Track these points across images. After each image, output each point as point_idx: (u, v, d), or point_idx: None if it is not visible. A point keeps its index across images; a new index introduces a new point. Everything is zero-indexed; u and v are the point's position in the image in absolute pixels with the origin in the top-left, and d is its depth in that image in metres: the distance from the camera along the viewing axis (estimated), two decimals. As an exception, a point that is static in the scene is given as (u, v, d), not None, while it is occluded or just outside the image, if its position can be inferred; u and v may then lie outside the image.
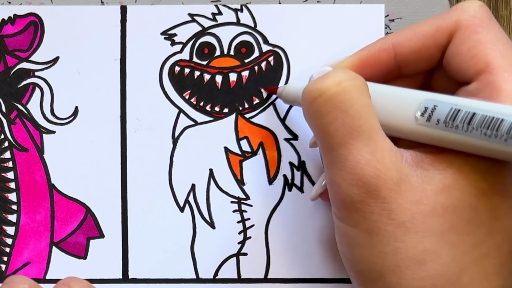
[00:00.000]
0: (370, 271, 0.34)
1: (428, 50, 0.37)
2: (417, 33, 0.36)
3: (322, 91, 0.33)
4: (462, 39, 0.35)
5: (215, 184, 0.43)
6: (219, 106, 0.44)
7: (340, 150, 0.33)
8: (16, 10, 0.44)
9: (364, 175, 0.32)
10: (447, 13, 0.36)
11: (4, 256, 0.43)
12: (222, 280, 0.43)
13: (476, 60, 0.34)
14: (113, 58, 0.44)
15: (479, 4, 0.36)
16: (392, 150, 0.33)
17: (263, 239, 0.43)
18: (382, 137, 0.33)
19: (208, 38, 0.44)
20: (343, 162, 0.33)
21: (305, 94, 0.35)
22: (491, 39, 0.35)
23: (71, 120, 0.43)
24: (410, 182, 0.33)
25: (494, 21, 0.36)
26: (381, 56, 0.37)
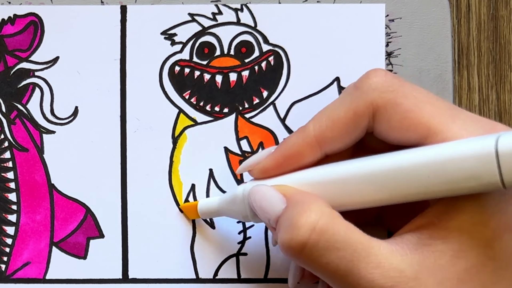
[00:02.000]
0: None
1: (351, 134, 0.36)
2: (336, 122, 0.36)
3: (303, 243, 0.33)
4: (388, 116, 0.35)
5: (215, 184, 0.43)
6: (219, 106, 0.44)
7: (350, 279, 0.33)
8: (16, 10, 0.44)
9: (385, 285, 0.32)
10: (357, 95, 0.36)
11: (4, 256, 0.43)
12: (222, 280, 0.43)
13: (414, 129, 0.34)
14: (113, 58, 0.44)
15: (384, 74, 0.36)
16: (392, 251, 0.33)
17: (263, 239, 0.43)
18: (378, 244, 0.33)
19: (208, 37, 0.44)
20: (358, 287, 0.33)
21: (286, 250, 0.34)
22: (415, 104, 0.35)
23: (71, 120, 0.43)
24: (425, 267, 0.32)
25: (405, 84, 0.36)
26: (305, 150, 0.37)
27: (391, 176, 0.33)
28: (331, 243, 0.33)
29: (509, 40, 0.46)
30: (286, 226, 0.34)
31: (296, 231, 0.33)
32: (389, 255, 0.33)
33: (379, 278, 0.32)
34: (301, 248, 0.33)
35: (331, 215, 0.33)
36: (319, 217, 0.33)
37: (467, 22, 0.46)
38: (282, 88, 0.44)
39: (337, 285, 0.34)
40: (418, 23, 0.44)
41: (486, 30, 0.46)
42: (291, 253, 0.34)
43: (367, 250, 0.33)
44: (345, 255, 0.32)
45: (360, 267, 0.32)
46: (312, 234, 0.33)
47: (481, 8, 0.46)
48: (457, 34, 0.46)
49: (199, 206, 0.42)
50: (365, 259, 0.32)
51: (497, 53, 0.46)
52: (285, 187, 0.37)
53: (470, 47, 0.46)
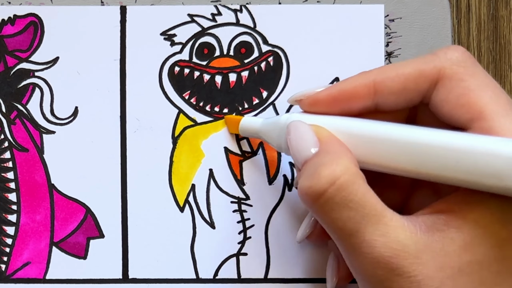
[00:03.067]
0: None
1: (408, 93, 0.36)
2: (399, 74, 0.36)
3: (320, 193, 0.33)
4: (449, 88, 0.35)
5: (215, 184, 0.43)
6: (218, 106, 0.44)
7: (353, 239, 0.33)
8: (16, 10, 0.44)
9: (383, 257, 0.32)
10: (431, 58, 0.36)
11: (4, 256, 0.43)
12: (222, 280, 0.43)
13: (467, 108, 0.34)
14: (113, 58, 0.44)
15: (462, 51, 0.36)
16: (403, 225, 0.33)
17: (263, 239, 0.43)
18: (391, 215, 0.33)
19: (207, 38, 0.44)
20: (359, 249, 0.33)
21: (302, 195, 0.35)
22: (479, 85, 0.35)
23: (71, 120, 0.43)
24: (430, 249, 0.33)
25: (478, 66, 0.36)
26: (361, 91, 0.37)
27: (430, 151, 0.33)
28: (346, 201, 0.33)
29: (509, 40, 0.46)
30: (309, 173, 0.34)
31: (316, 180, 0.33)
32: (397, 228, 0.33)
33: (380, 246, 0.32)
34: (316, 198, 0.33)
35: (354, 175, 0.34)
36: (342, 173, 0.33)
37: (467, 22, 0.46)
38: (282, 89, 0.44)
39: (339, 242, 0.34)
40: (418, 23, 0.44)
41: (486, 30, 0.46)
42: (306, 200, 0.34)
43: (378, 218, 0.33)
44: (356, 216, 0.33)
45: (366, 231, 0.33)
46: (330, 187, 0.33)
47: (481, 8, 0.46)
48: (457, 34, 0.46)
49: (242, 121, 0.42)
50: (373, 225, 0.33)
51: (497, 53, 0.46)
52: (323, 130, 0.36)
53: (470, 47, 0.46)
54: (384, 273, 0.33)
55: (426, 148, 0.33)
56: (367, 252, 0.33)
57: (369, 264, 0.33)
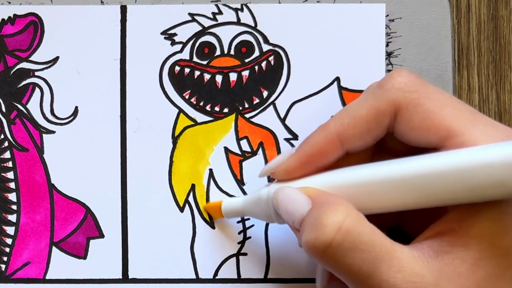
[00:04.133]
0: None
1: (372, 132, 0.36)
2: (358, 120, 0.36)
3: (328, 243, 0.33)
4: (409, 116, 0.35)
5: (215, 184, 0.43)
6: (219, 106, 0.44)
7: (371, 281, 0.33)
8: (16, 10, 0.44)
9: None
10: (381, 93, 0.36)
11: (4, 256, 0.43)
12: (222, 280, 0.43)
13: (434, 130, 0.34)
14: (113, 58, 0.44)
15: (407, 74, 0.36)
16: (414, 256, 0.33)
17: (263, 239, 0.43)
18: (400, 249, 0.33)
19: (208, 37, 0.44)
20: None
21: (310, 249, 0.34)
22: (437, 105, 0.35)
23: (71, 120, 0.43)
24: (445, 274, 0.33)
25: (429, 86, 0.36)
26: (328, 149, 0.37)
27: (417, 181, 0.33)
28: (356, 244, 0.33)
29: (509, 40, 0.46)
30: (311, 226, 0.34)
31: (321, 230, 0.33)
32: (411, 260, 0.33)
33: (401, 283, 0.32)
34: (325, 247, 0.33)
35: (356, 217, 0.33)
36: (345, 218, 0.33)
37: (467, 22, 0.46)
38: (282, 88, 0.44)
39: (358, 286, 0.34)
40: (418, 23, 0.44)
41: (486, 30, 0.46)
42: (315, 253, 0.34)
43: (390, 254, 0.33)
44: (369, 257, 0.32)
45: (382, 270, 0.32)
46: (337, 234, 0.33)
47: (481, 8, 0.46)
48: (457, 34, 0.46)
49: (223, 206, 0.42)
50: (387, 262, 0.32)
51: (497, 53, 0.46)
52: (310, 189, 0.37)
53: (470, 47, 0.46)
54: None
55: (420, 179, 0.33)
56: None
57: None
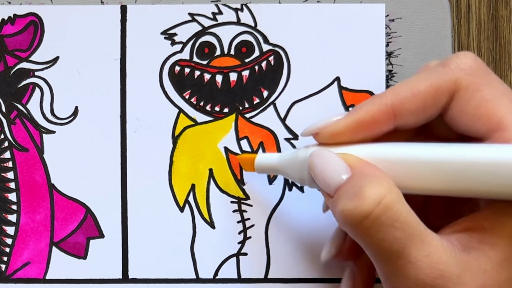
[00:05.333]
0: None
1: (427, 110, 0.36)
2: (416, 94, 0.35)
3: (366, 214, 0.32)
4: (466, 99, 0.35)
5: (215, 184, 0.43)
6: (219, 106, 0.44)
7: (399, 261, 0.33)
8: (16, 10, 0.44)
9: (429, 278, 0.32)
10: (444, 71, 0.35)
11: (4, 256, 0.43)
12: (222, 280, 0.43)
13: (486, 119, 0.34)
14: (113, 58, 0.44)
15: (473, 58, 0.35)
16: (443, 245, 0.33)
17: (263, 239, 0.43)
18: (431, 236, 0.33)
19: (208, 37, 0.44)
20: (404, 271, 0.33)
21: (346, 218, 0.33)
22: (495, 95, 0.34)
23: (71, 120, 0.43)
24: (469, 268, 0.32)
25: (491, 73, 0.35)
26: (380, 118, 0.36)
27: (461, 168, 0.33)
28: (392, 221, 0.32)
29: (509, 40, 0.46)
30: (351, 195, 0.33)
31: (362, 200, 0.33)
32: (440, 248, 0.32)
33: (426, 268, 0.32)
34: (362, 218, 0.33)
35: (397, 194, 0.33)
36: (387, 192, 0.33)
37: (467, 22, 0.46)
38: (283, 88, 0.44)
39: (383, 263, 0.34)
40: (418, 23, 0.44)
41: (486, 30, 0.46)
42: (350, 222, 0.33)
43: (422, 237, 0.32)
44: (401, 236, 0.32)
45: (411, 251, 0.32)
46: (377, 207, 0.32)
47: (481, 8, 0.46)
48: (457, 34, 0.46)
49: (257, 159, 0.41)
50: (418, 245, 0.32)
51: (497, 53, 0.46)
52: (351, 157, 0.35)
53: (470, 47, 0.46)
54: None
55: (465, 166, 0.33)
56: (412, 274, 0.32)
57: (414, 285, 0.32)
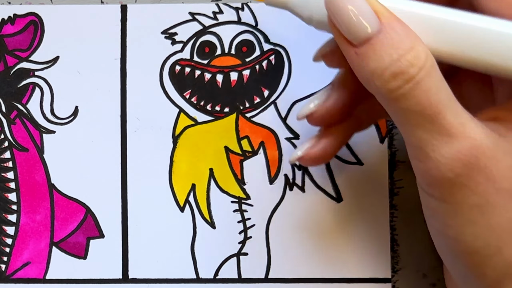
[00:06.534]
0: (485, 248, 0.32)
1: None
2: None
3: (410, 77, 0.30)
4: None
5: (215, 184, 0.43)
6: (219, 106, 0.44)
7: (434, 126, 0.30)
8: (16, 9, 0.44)
9: (462, 147, 0.30)
10: None
11: (4, 256, 0.43)
12: (223, 280, 0.43)
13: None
14: (113, 58, 0.44)
15: None
16: (475, 121, 0.31)
17: (263, 239, 0.43)
18: (462, 108, 0.31)
19: (208, 37, 0.44)
20: (437, 137, 0.31)
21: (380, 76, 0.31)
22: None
23: (71, 120, 0.44)
24: (501, 149, 0.31)
25: None
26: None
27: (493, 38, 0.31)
28: (432, 84, 0.30)
29: None
30: (389, 53, 0.30)
31: (405, 62, 0.30)
32: (471, 121, 0.31)
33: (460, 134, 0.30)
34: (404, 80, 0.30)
35: (433, 60, 0.31)
36: (427, 57, 0.30)
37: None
38: (283, 87, 0.44)
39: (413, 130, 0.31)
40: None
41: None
42: (387, 80, 0.30)
43: (456, 105, 0.31)
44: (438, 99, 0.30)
45: (446, 116, 0.30)
46: (420, 72, 0.30)
47: (484, 6, 0.45)
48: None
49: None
50: (453, 111, 0.30)
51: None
52: (382, 8, 0.32)
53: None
54: (460, 165, 0.30)
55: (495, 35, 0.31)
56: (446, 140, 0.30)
57: (448, 154, 0.30)
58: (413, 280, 0.43)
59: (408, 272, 0.43)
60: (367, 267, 0.43)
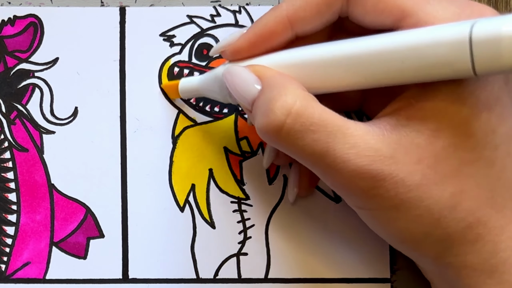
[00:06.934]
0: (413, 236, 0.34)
1: (323, 16, 0.36)
2: (309, 2, 0.36)
3: (279, 127, 0.33)
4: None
5: (215, 184, 0.43)
6: (218, 107, 0.44)
7: (326, 160, 0.33)
8: (16, 11, 0.44)
9: (361, 167, 0.32)
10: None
11: (4, 256, 0.43)
12: (222, 280, 0.43)
13: (388, 11, 0.34)
14: (113, 59, 0.44)
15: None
16: (369, 131, 0.33)
17: (263, 239, 0.43)
18: (354, 125, 0.33)
19: (206, 39, 0.44)
20: (335, 167, 0.33)
21: (263, 134, 0.35)
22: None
23: (71, 120, 0.43)
24: (401, 146, 0.33)
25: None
26: (277, 29, 0.37)
27: (365, 59, 0.33)
28: (306, 126, 0.33)
29: (506, 40, 0.46)
30: (263, 110, 0.34)
31: (272, 115, 0.33)
32: (365, 135, 0.33)
33: (354, 158, 0.32)
34: (277, 131, 0.33)
35: (306, 98, 0.33)
36: (294, 101, 0.33)
37: (464, 23, 0.46)
38: (281, 89, 0.44)
39: (315, 167, 0.34)
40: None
41: (484, 31, 0.46)
42: (268, 137, 0.34)
43: (343, 131, 0.33)
44: (320, 137, 0.33)
45: (335, 148, 0.33)
46: (288, 118, 0.33)
47: (478, 9, 0.46)
48: (454, 35, 0.46)
49: (180, 84, 0.42)
50: (340, 140, 0.33)
51: (495, 54, 0.46)
52: (260, 68, 0.36)
53: (467, 48, 0.46)
54: (366, 183, 0.33)
55: (368, 57, 0.33)
56: (343, 168, 0.33)
57: (349, 178, 0.33)
58: (411, 280, 0.43)
59: (407, 273, 0.43)
60: (366, 267, 0.43)
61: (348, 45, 0.34)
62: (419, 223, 0.33)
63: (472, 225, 0.33)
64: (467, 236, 0.33)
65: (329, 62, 0.34)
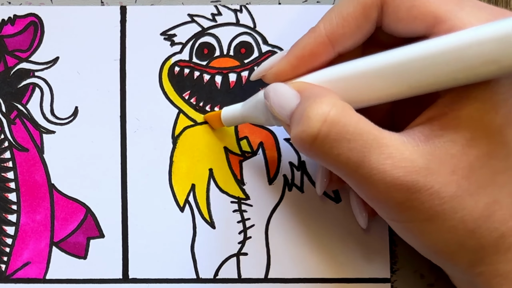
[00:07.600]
0: (447, 247, 0.34)
1: (362, 29, 0.36)
2: (346, 18, 0.36)
3: (314, 135, 0.33)
4: (395, 6, 0.35)
5: (215, 184, 0.43)
6: (218, 107, 0.44)
7: (361, 170, 0.33)
8: (16, 10, 0.44)
9: (396, 178, 0.32)
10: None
11: (4, 256, 0.43)
12: (222, 280, 0.43)
13: (421, 18, 0.34)
14: (113, 58, 0.44)
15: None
16: (404, 141, 0.33)
17: (263, 239, 0.43)
18: (389, 135, 0.33)
19: (207, 38, 0.44)
20: (370, 178, 0.33)
21: (298, 143, 0.34)
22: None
23: (71, 120, 0.43)
24: (436, 157, 0.32)
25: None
26: (319, 51, 0.37)
27: (410, 66, 0.33)
28: (342, 135, 0.32)
29: (508, 40, 0.46)
30: (298, 119, 0.34)
31: (307, 123, 0.33)
32: (400, 146, 0.33)
33: (390, 169, 0.32)
34: (312, 140, 0.33)
35: (342, 107, 0.33)
36: (330, 109, 0.33)
37: (466, 23, 0.46)
38: (282, 89, 0.44)
39: (349, 177, 0.34)
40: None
41: (485, 31, 0.46)
42: (303, 146, 0.34)
43: (378, 141, 0.32)
44: (356, 146, 0.32)
45: (371, 158, 0.32)
46: (323, 126, 0.33)
47: (480, 8, 0.46)
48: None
49: (223, 113, 0.42)
50: (376, 150, 0.32)
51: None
52: (299, 83, 0.36)
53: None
54: (401, 194, 0.32)
55: (408, 65, 0.33)
56: (379, 179, 0.32)
57: (385, 189, 0.33)
58: (411, 281, 0.43)
59: (406, 273, 0.43)
60: (366, 267, 0.43)
61: (389, 55, 0.34)
62: (453, 234, 0.33)
63: (505, 234, 0.33)
64: (500, 245, 0.33)
65: (372, 73, 0.34)
